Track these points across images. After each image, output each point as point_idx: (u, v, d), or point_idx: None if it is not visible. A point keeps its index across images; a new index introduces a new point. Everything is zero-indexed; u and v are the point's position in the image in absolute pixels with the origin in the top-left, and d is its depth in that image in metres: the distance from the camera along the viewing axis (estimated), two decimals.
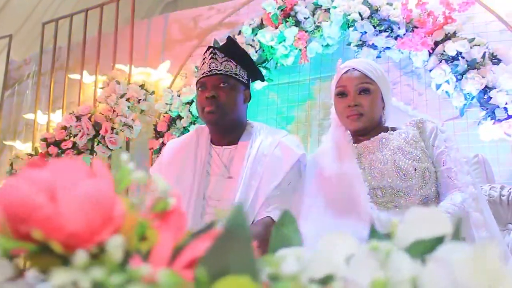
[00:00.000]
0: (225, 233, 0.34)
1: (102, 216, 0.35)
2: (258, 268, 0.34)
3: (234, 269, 0.34)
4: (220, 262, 0.34)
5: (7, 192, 0.34)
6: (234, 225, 0.34)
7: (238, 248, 0.34)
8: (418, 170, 1.63)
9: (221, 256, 0.34)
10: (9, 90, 4.29)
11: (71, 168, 0.36)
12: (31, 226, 0.34)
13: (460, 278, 0.39)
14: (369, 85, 1.75)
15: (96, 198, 0.35)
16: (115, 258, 0.34)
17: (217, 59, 1.88)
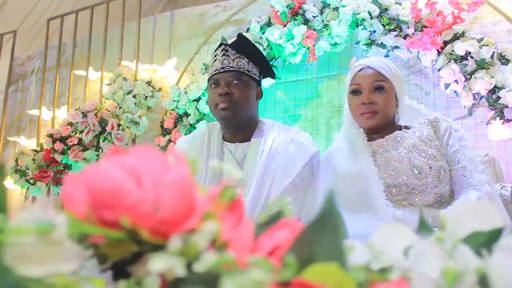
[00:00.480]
0: (317, 221, 0.34)
1: (190, 203, 0.35)
2: (345, 257, 0.35)
3: (322, 257, 0.34)
4: (308, 250, 0.34)
5: (96, 177, 0.35)
6: (326, 213, 0.34)
7: (328, 236, 0.34)
8: (433, 168, 1.63)
9: (310, 244, 0.34)
10: (13, 86, 4.28)
11: (153, 156, 0.37)
12: (118, 212, 0.35)
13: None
14: (384, 83, 1.76)
15: (184, 184, 0.35)
16: (201, 245, 0.34)
17: (229, 55, 1.88)
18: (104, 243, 0.39)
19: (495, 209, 0.53)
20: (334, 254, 0.34)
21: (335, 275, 0.33)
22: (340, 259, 0.34)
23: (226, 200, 0.46)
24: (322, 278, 0.33)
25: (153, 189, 0.34)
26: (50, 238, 0.37)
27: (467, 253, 0.43)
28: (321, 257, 0.34)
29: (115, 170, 0.34)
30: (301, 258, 0.34)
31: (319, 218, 0.34)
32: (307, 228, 0.35)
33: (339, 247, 0.34)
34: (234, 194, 0.46)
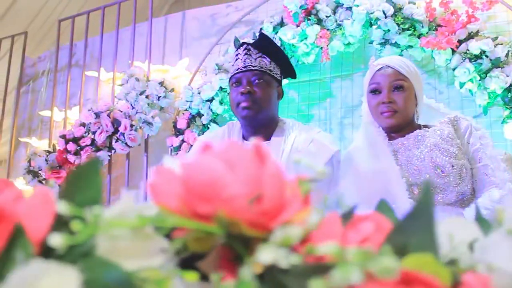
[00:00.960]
0: (413, 212, 0.35)
1: (284, 196, 0.36)
2: (438, 248, 0.35)
3: (416, 247, 0.35)
4: (404, 240, 0.35)
5: (195, 170, 0.35)
6: (422, 205, 0.35)
7: (423, 227, 0.35)
8: (456, 166, 1.64)
9: (406, 235, 0.35)
10: (23, 87, 4.29)
11: (243, 150, 0.37)
12: (215, 205, 0.35)
13: None
14: (403, 82, 1.76)
15: (280, 177, 0.36)
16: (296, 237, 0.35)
17: (251, 55, 1.88)
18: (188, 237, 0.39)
19: None
20: (427, 246, 0.35)
21: (431, 265, 0.34)
22: (434, 251, 0.35)
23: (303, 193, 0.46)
24: (419, 268, 0.34)
25: (250, 182, 0.35)
26: (142, 231, 0.38)
27: None
28: (415, 248, 0.35)
29: (215, 163, 0.35)
30: (395, 249, 0.35)
31: (415, 210, 0.35)
32: (403, 220, 0.35)
33: (433, 238, 0.35)
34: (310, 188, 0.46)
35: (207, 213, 0.36)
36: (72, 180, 0.37)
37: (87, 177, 0.37)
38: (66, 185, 0.37)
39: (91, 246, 0.36)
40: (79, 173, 0.37)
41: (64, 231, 0.34)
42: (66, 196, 0.36)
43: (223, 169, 0.34)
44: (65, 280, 0.32)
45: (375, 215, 0.44)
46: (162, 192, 0.38)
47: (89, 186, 0.37)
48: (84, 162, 0.37)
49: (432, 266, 0.34)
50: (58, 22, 4.00)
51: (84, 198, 0.36)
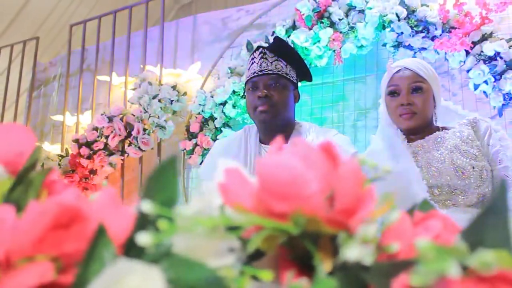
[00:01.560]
0: (488, 208, 0.35)
1: (360, 193, 0.36)
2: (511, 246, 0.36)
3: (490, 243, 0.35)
4: (478, 236, 0.35)
5: (275, 169, 0.36)
6: (498, 201, 0.35)
7: (498, 223, 0.35)
8: (476, 168, 1.64)
9: (481, 231, 0.35)
10: (35, 92, 4.32)
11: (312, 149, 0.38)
12: (294, 204, 0.36)
13: None
14: (422, 84, 1.76)
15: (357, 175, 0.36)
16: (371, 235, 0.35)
17: (267, 58, 1.88)
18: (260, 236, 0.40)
19: None
20: (502, 242, 0.35)
21: (507, 261, 0.34)
22: (508, 246, 0.35)
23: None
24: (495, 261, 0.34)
25: (325, 180, 0.35)
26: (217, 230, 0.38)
27: None
28: (489, 244, 0.35)
29: (295, 162, 0.35)
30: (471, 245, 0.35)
31: (491, 206, 0.35)
32: (479, 216, 0.36)
33: (507, 235, 0.35)
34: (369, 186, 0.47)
35: (283, 211, 0.36)
36: (152, 180, 0.37)
37: (166, 176, 0.37)
38: (146, 184, 0.37)
39: (169, 246, 0.37)
40: (159, 173, 0.37)
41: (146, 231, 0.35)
42: (147, 195, 0.37)
43: (303, 167, 0.35)
44: (150, 279, 0.32)
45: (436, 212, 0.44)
46: (235, 192, 0.39)
47: (168, 185, 0.37)
48: (164, 161, 0.38)
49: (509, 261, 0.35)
50: (69, 27, 4.01)
51: (163, 197, 0.37)
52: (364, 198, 0.37)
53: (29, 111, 4.10)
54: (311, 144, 0.39)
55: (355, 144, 2.88)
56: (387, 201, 0.39)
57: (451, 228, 0.43)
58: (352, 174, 0.36)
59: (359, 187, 0.36)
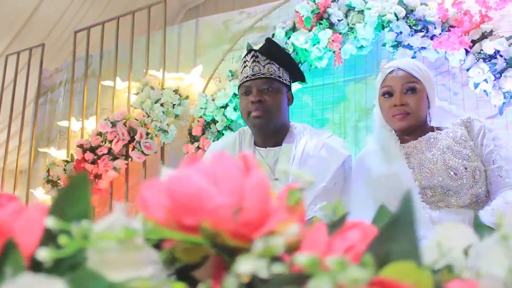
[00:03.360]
0: (394, 220, 0.35)
1: (267, 206, 0.36)
2: (420, 255, 0.35)
3: (398, 256, 0.35)
4: (385, 249, 0.35)
5: (178, 183, 0.36)
6: (403, 212, 0.35)
7: (404, 235, 0.35)
8: (469, 169, 1.62)
9: (387, 243, 0.35)
10: (42, 98, 4.36)
11: (229, 162, 0.38)
12: (199, 217, 0.36)
13: None
14: (415, 84, 1.75)
15: (263, 188, 0.36)
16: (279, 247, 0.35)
17: (260, 62, 1.88)
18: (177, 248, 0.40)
19: None
20: (410, 253, 0.35)
21: (413, 274, 0.34)
22: (416, 258, 0.35)
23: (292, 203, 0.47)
24: (400, 277, 0.34)
25: (233, 193, 0.36)
26: (131, 243, 0.39)
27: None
28: (397, 256, 0.35)
29: (197, 176, 0.35)
30: (377, 257, 0.35)
31: (396, 217, 0.35)
32: (385, 227, 0.35)
33: (415, 246, 0.35)
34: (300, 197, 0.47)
35: (192, 224, 0.37)
36: (62, 195, 0.38)
37: (76, 192, 0.38)
38: (56, 200, 0.38)
39: (81, 259, 0.37)
40: (69, 188, 0.38)
41: (53, 245, 0.35)
42: (57, 211, 0.37)
43: (205, 181, 0.35)
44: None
45: (363, 223, 0.44)
46: (151, 204, 0.39)
47: (78, 201, 0.38)
48: (72, 177, 0.38)
49: (414, 274, 0.34)
50: (74, 33, 4.05)
51: (74, 212, 0.37)
52: (273, 211, 0.37)
53: (35, 118, 4.14)
54: (227, 157, 0.39)
55: (357, 145, 2.87)
56: (297, 212, 0.39)
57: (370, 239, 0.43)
58: (257, 187, 0.36)
59: (265, 200, 0.36)
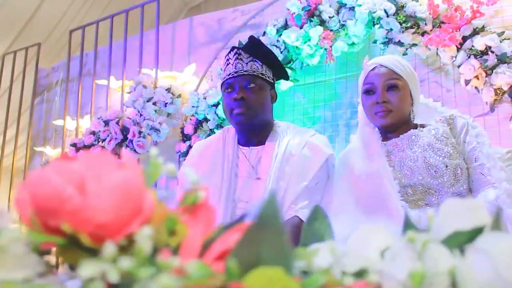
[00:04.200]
0: (257, 224, 0.33)
1: (132, 208, 0.34)
2: (290, 260, 0.33)
3: (266, 260, 0.33)
4: (252, 253, 0.33)
5: (37, 184, 0.34)
6: (267, 216, 0.33)
7: (271, 239, 0.33)
8: (449, 167, 1.59)
9: (253, 247, 0.33)
10: (38, 98, 4.36)
11: (101, 160, 0.36)
12: (60, 219, 0.34)
13: (503, 268, 0.38)
14: (397, 81, 1.73)
15: (125, 189, 0.34)
16: (144, 249, 0.33)
17: (242, 59, 1.86)
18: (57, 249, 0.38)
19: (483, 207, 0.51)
20: (278, 258, 0.33)
21: (279, 280, 0.32)
22: (285, 263, 0.33)
23: (188, 204, 0.45)
24: (265, 283, 0.32)
25: (94, 194, 0.34)
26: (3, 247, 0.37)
27: (438, 254, 0.41)
28: (266, 261, 0.33)
29: (54, 176, 0.33)
30: (245, 262, 0.33)
31: (260, 221, 0.33)
32: (249, 231, 0.33)
33: (284, 250, 0.33)
34: (197, 198, 0.45)
35: (56, 225, 0.35)
36: None
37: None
38: None
39: None
40: None
41: None
42: None
43: (62, 182, 0.33)
44: None
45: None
46: (22, 206, 0.37)
47: None
48: None
49: (281, 280, 0.32)
50: (69, 33, 4.05)
51: None
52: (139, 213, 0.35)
53: (31, 117, 4.14)
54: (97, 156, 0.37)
55: (348, 143, 2.84)
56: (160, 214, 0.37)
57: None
58: (117, 188, 0.34)
59: (129, 201, 0.34)
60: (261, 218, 0.33)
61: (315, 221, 0.61)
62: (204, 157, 1.96)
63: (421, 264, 0.41)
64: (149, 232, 0.32)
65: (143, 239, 0.32)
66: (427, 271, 0.40)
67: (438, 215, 0.56)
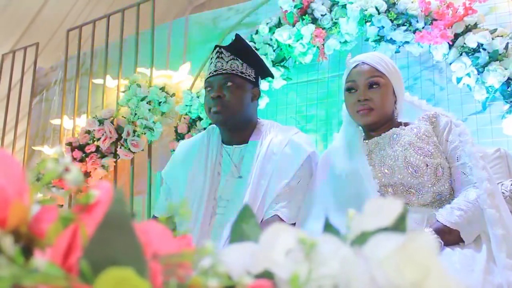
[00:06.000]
0: (105, 222, 0.32)
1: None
2: (143, 260, 0.32)
3: (117, 261, 0.32)
4: (102, 253, 0.32)
5: None
6: (114, 213, 0.32)
7: (120, 238, 0.32)
8: (430, 166, 1.57)
9: (103, 248, 0.32)
10: (37, 97, 4.38)
11: None
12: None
13: (382, 273, 0.36)
14: (379, 79, 1.70)
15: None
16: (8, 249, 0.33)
17: (223, 58, 1.86)
18: None
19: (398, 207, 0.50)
20: (129, 258, 0.32)
21: (129, 281, 0.31)
22: (137, 263, 0.32)
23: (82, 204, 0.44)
24: (114, 285, 0.31)
25: None
26: None
27: (326, 257, 0.40)
28: (118, 261, 0.32)
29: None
30: (98, 262, 0.32)
31: (108, 219, 0.32)
32: (98, 230, 0.32)
33: (135, 249, 0.32)
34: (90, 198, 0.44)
35: None
36: None
37: None
38: None
39: None
40: None
41: None
42: None
43: None
44: None
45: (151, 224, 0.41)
46: None
47: None
48: None
49: (131, 281, 0.31)
50: (66, 32, 4.06)
51: None
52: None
53: (29, 116, 4.16)
54: None
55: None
56: None
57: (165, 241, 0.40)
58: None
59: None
60: (108, 217, 0.32)
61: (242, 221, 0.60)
62: (188, 156, 1.96)
63: (308, 266, 0.39)
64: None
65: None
66: (313, 273, 0.39)
67: (359, 214, 0.55)
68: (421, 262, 0.36)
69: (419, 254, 0.37)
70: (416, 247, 0.37)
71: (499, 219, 1.45)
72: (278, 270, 0.41)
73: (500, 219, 1.45)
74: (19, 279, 0.29)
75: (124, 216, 0.32)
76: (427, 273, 0.36)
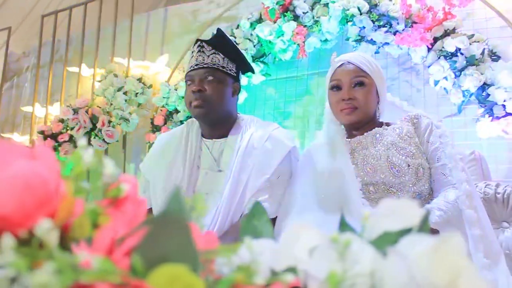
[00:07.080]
0: (161, 219, 0.32)
1: (35, 200, 0.33)
2: (196, 257, 0.32)
3: (171, 257, 0.32)
4: (156, 250, 0.32)
5: None
6: (172, 211, 0.32)
7: (175, 235, 0.32)
8: (412, 166, 1.60)
9: (157, 244, 0.32)
10: (8, 83, 4.28)
11: (6, 150, 0.35)
12: None
13: (418, 271, 0.37)
14: (364, 79, 1.73)
15: (30, 180, 0.33)
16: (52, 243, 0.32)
17: (205, 52, 1.85)
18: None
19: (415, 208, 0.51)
20: (183, 255, 0.32)
21: (183, 278, 0.31)
22: (190, 260, 0.32)
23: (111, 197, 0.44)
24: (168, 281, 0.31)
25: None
26: None
27: (361, 255, 0.41)
28: (171, 258, 0.32)
29: None
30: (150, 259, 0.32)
31: (165, 216, 0.32)
32: (153, 227, 0.32)
33: (188, 247, 0.32)
34: (120, 191, 0.44)
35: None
36: None
37: None
38: None
39: None
40: None
41: None
42: None
43: None
44: None
45: None
46: None
47: None
48: None
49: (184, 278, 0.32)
50: (41, 17, 3.97)
51: None
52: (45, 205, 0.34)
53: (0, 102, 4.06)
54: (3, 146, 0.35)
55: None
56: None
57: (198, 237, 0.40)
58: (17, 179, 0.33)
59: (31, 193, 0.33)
60: (165, 214, 0.32)
61: (253, 217, 0.60)
62: (167, 149, 1.95)
63: (342, 265, 0.40)
64: (47, 225, 0.31)
65: (43, 232, 0.31)
66: (347, 272, 0.39)
67: (374, 214, 0.56)
68: (453, 263, 0.38)
69: (451, 255, 0.38)
70: (448, 248, 0.38)
71: (477, 219, 1.49)
72: (309, 268, 0.41)
73: (477, 220, 1.50)
74: (78, 276, 0.29)
75: (181, 214, 0.32)
76: (459, 274, 0.37)
